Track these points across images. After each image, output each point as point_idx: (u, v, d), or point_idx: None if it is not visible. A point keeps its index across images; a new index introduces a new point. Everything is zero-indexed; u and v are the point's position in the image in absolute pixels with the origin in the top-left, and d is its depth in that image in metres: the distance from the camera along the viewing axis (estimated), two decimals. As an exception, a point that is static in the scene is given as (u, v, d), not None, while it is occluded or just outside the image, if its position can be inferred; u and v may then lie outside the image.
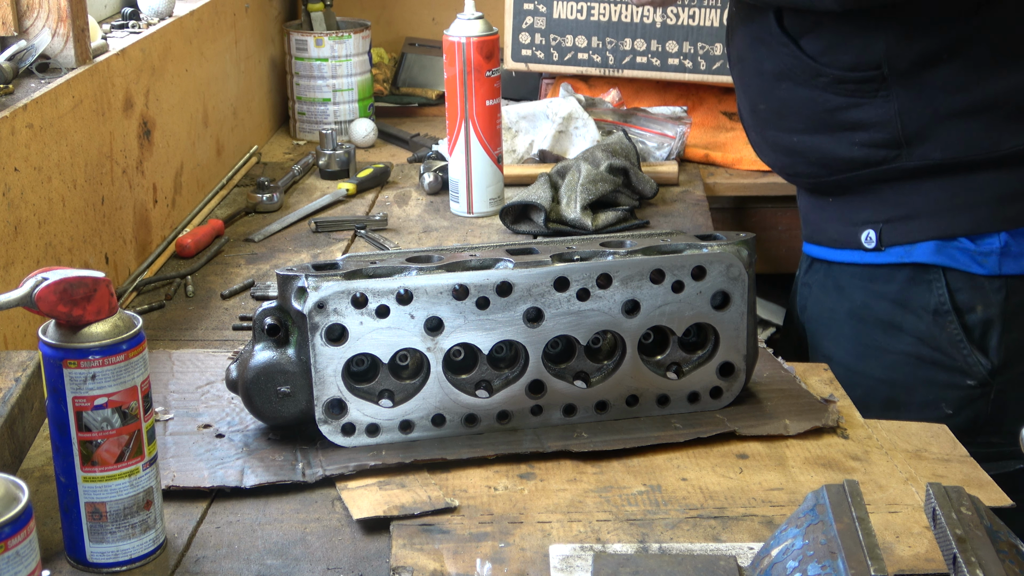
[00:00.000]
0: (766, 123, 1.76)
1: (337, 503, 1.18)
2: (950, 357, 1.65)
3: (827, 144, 1.68)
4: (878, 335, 1.71)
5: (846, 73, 1.63)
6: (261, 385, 1.24)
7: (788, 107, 1.71)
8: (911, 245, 1.66)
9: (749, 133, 1.84)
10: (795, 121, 1.71)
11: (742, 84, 1.81)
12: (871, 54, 1.61)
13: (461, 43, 1.95)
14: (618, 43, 2.41)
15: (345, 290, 1.22)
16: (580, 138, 2.18)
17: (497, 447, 1.25)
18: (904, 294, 1.68)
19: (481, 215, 2.03)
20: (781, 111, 1.72)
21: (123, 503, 1.06)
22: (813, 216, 1.80)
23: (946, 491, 0.94)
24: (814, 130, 1.69)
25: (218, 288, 1.78)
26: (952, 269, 1.64)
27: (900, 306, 1.68)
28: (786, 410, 1.32)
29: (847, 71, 1.63)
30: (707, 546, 1.09)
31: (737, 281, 1.29)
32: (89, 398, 1.03)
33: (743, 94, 1.81)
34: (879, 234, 1.68)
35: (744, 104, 1.82)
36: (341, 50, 2.46)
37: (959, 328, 1.64)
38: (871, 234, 1.68)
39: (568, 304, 1.26)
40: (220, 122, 2.22)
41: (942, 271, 1.65)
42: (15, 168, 1.44)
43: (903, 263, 1.67)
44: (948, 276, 1.64)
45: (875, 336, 1.71)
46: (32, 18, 1.63)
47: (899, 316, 1.68)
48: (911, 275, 1.67)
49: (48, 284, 1.02)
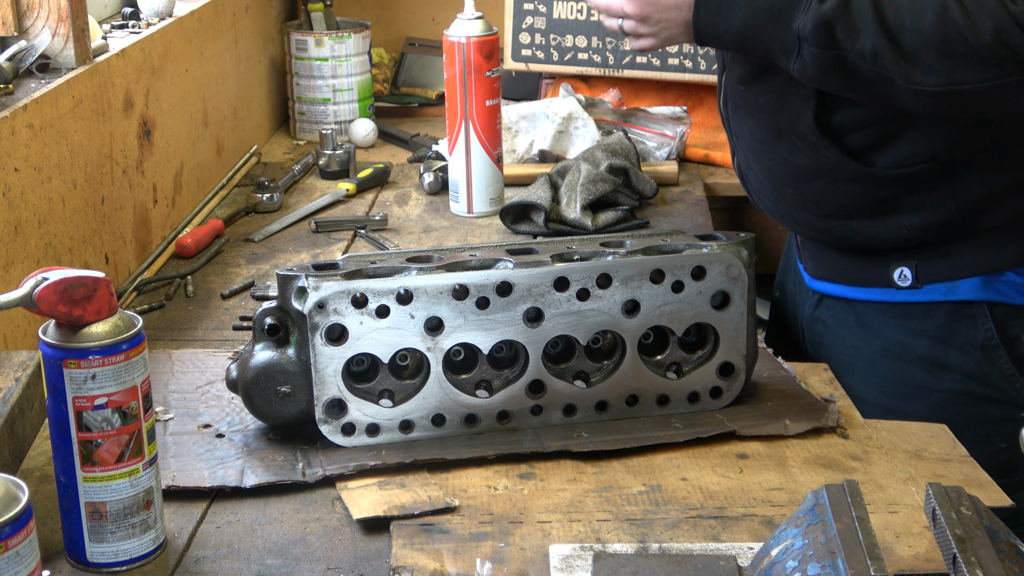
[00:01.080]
0: (794, 205, 1.62)
1: (337, 503, 1.18)
2: (1002, 391, 1.57)
3: (869, 228, 1.57)
4: (919, 374, 1.60)
5: (896, 170, 1.52)
6: (261, 385, 1.24)
7: (825, 198, 1.58)
8: (952, 282, 1.56)
9: (761, 199, 1.69)
10: (832, 209, 1.59)
11: (756, 160, 1.64)
12: (927, 147, 1.50)
13: (461, 43, 1.95)
14: (618, 43, 2.41)
15: (345, 290, 1.22)
16: (580, 138, 2.18)
17: (497, 447, 1.25)
18: (946, 331, 1.57)
19: (481, 215, 2.03)
20: (817, 200, 1.59)
21: (123, 503, 1.06)
22: (826, 256, 1.67)
23: (946, 491, 0.94)
24: (855, 217, 1.58)
25: (218, 288, 1.78)
26: (997, 303, 1.55)
27: (942, 343, 1.58)
28: (786, 410, 1.32)
29: (897, 168, 1.52)
30: (707, 546, 1.09)
31: (737, 281, 1.29)
32: (89, 398, 1.03)
33: (759, 168, 1.64)
34: (915, 272, 1.57)
35: (759, 178, 1.66)
36: (341, 50, 2.46)
37: (1009, 361, 1.56)
38: (906, 272, 1.57)
39: (568, 304, 1.26)
40: (220, 122, 2.22)
41: (986, 305, 1.55)
42: (15, 168, 1.44)
43: (944, 300, 1.57)
44: (993, 310, 1.55)
45: (916, 375, 1.60)
46: (32, 18, 1.63)
47: (942, 353, 1.58)
48: (952, 311, 1.57)
49: (48, 284, 1.02)
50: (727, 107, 1.68)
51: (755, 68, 1.57)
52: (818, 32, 1.39)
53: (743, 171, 1.70)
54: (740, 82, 1.62)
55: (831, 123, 1.53)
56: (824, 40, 1.39)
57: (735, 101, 1.65)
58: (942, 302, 1.57)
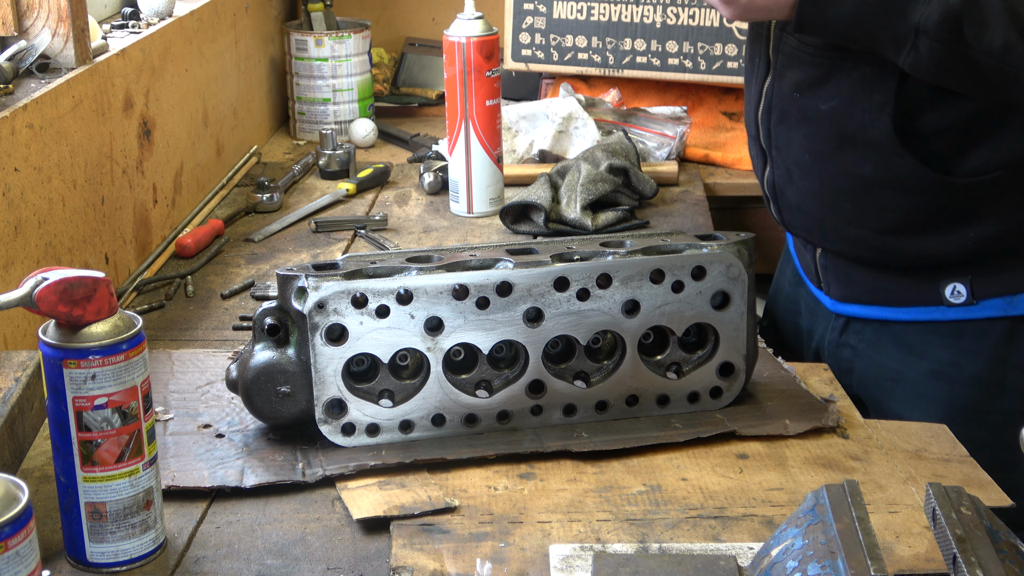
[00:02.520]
0: (846, 221, 1.52)
1: (337, 503, 1.18)
2: None
3: (929, 242, 1.49)
4: (974, 395, 1.53)
5: (974, 178, 1.44)
6: (261, 385, 1.24)
7: (888, 211, 1.49)
8: (1011, 297, 1.48)
9: (798, 218, 1.58)
10: (892, 223, 1.50)
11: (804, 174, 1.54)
12: (1005, 152, 1.43)
13: (461, 43, 1.95)
14: (618, 43, 2.41)
15: (345, 290, 1.22)
16: (580, 138, 2.18)
17: (497, 447, 1.25)
18: (1003, 349, 1.50)
19: (481, 215, 2.03)
20: (878, 214, 1.50)
21: (123, 503, 1.06)
22: (860, 277, 1.58)
23: (946, 491, 0.94)
24: (917, 230, 1.49)
25: (218, 288, 1.78)
26: None
27: (999, 362, 1.51)
28: (786, 410, 1.32)
29: (975, 175, 1.44)
30: (707, 546, 1.09)
31: (737, 281, 1.29)
32: (89, 398, 1.03)
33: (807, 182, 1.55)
34: (970, 287, 1.49)
35: (803, 193, 1.56)
36: (341, 50, 2.46)
37: None
38: (959, 288, 1.49)
39: (568, 304, 1.26)
40: (220, 122, 2.22)
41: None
42: (15, 168, 1.44)
43: (1003, 316, 1.49)
44: None
45: (971, 397, 1.53)
46: (32, 18, 1.63)
47: (999, 372, 1.51)
48: (1010, 327, 1.49)
49: (48, 284, 1.02)
50: (769, 117, 1.57)
51: (818, 72, 1.48)
52: (942, 26, 1.31)
53: (779, 187, 1.59)
54: (795, 89, 1.51)
55: (911, 128, 1.44)
56: (948, 35, 1.32)
57: (784, 110, 1.54)
58: (999, 318, 1.50)
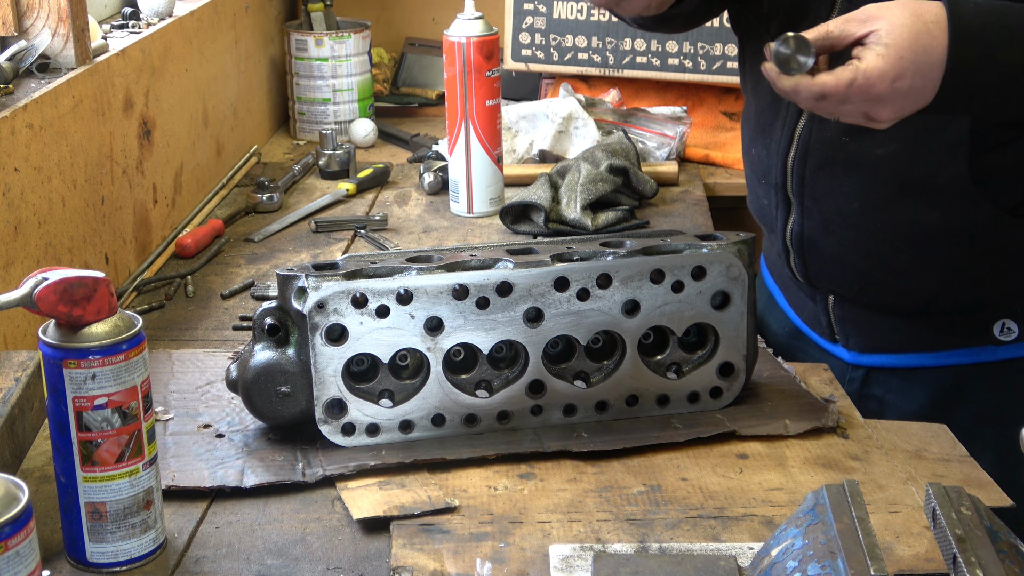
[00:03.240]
0: (898, 273, 1.42)
1: (337, 503, 1.18)
2: None
3: (987, 288, 1.41)
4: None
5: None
6: (261, 385, 1.24)
7: (949, 262, 1.39)
8: None
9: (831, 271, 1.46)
10: (954, 272, 1.40)
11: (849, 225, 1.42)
12: None
13: (461, 43, 1.95)
14: (618, 43, 2.41)
15: (345, 290, 1.22)
16: (580, 138, 2.18)
17: (497, 447, 1.25)
18: None
19: (481, 215, 2.03)
20: (939, 264, 1.40)
21: (123, 503, 1.06)
22: (887, 326, 1.47)
23: (946, 491, 0.94)
24: (979, 279, 1.41)
25: (218, 288, 1.78)
26: None
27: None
28: (786, 410, 1.32)
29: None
30: (707, 546, 1.09)
31: (737, 281, 1.29)
32: (89, 398, 1.03)
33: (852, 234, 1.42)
34: (1021, 323, 1.41)
35: (845, 244, 1.43)
36: (341, 50, 2.46)
37: None
38: (1009, 325, 1.41)
39: (568, 304, 1.26)
40: (220, 122, 2.22)
41: None
42: (15, 168, 1.44)
43: None
44: None
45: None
46: (32, 18, 1.63)
47: None
48: None
49: (48, 284, 1.02)
50: (804, 164, 1.42)
51: None
52: None
53: (809, 239, 1.46)
54: (844, 133, 1.38)
55: (982, 170, 1.34)
56: None
57: (826, 156, 1.41)
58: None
